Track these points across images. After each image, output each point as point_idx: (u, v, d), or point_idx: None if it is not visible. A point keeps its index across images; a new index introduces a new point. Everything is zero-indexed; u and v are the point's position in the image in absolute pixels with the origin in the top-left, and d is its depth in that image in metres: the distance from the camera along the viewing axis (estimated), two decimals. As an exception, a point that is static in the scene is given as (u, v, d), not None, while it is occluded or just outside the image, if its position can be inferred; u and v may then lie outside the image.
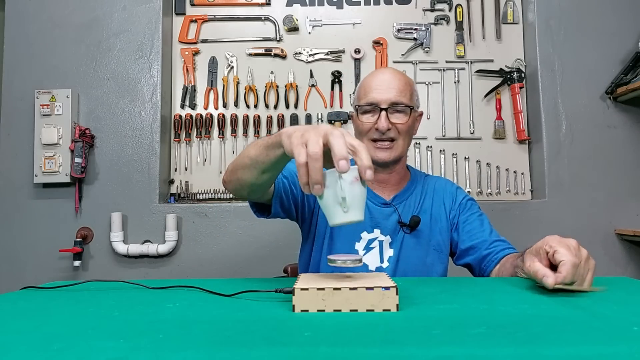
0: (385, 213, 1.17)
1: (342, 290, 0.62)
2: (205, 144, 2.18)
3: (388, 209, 1.18)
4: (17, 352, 0.47)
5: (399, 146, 1.15)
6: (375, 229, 1.15)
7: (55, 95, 2.04)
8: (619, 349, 0.46)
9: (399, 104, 1.13)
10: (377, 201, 1.19)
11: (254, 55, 2.21)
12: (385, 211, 1.17)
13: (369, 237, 1.15)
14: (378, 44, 2.19)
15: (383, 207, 1.18)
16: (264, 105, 2.19)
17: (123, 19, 2.14)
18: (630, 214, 2.03)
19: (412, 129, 1.19)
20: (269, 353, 0.46)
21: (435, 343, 0.49)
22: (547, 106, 2.07)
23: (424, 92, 2.19)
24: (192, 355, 0.46)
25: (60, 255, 2.03)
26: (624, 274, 1.97)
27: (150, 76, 2.12)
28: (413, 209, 1.19)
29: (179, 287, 0.81)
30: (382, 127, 1.12)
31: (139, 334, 0.53)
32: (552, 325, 0.55)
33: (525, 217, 2.03)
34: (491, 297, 0.72)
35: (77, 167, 2.00)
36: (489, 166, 2.15)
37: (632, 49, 2.04)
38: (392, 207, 1.18)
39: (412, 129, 1.18)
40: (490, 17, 2.22)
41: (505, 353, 0.45)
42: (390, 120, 1.13)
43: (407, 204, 1.19)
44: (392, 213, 1.17)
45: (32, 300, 0.75)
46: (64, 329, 0.56)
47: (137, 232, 2.05)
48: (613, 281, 0.85)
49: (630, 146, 2.06)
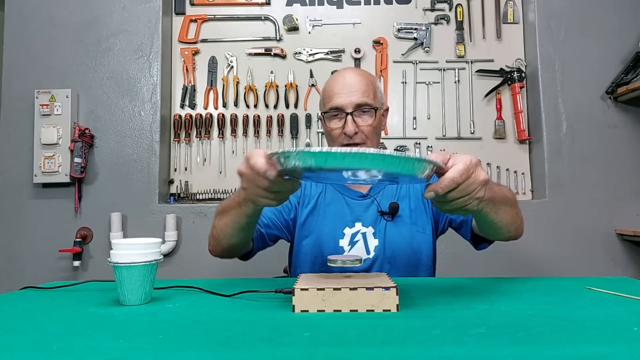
0: (365, 205, 1.18)
1: (342, 290, 0.62)
2: (205, 144, 2.18)
3: (366, 200, 1.19)
4: (17, 352, 0.47)
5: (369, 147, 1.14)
6: (357, 222, 1.16)
7: (54, 95, 2.04)
8: (619, 349, 0.46)
9: (363, 105, 1.13)
10: (355, 195, 1.20)
11: (253, 55, 2.21)
12: (364, 203, 1.19)
13: (352, 232, 1.15)
14: (378, 43, 2.19)
15: (361, 199, 1.20)
16: (263, 105, 2.19)
17: (123, 19, 2.14)
18: (631, 214, 2.03)
19: (379, 128, 1.19)
20: (269, 353, 0.46)
21: (435, 343, 0.49)
22: (548, 106, 2.07)
23: (424, 92, 2.19)
24: (192, 355, 0.46)
25: (59, 255, 2.02)
26: (624, 274, 1.97)
27: (150, 76, 2.11)
28: (392, 196, 1.20)
29: (179, 287, 0.81)
30: (349, 131, 1.12)
31: (138, 334, 0.53)
32: (552, 325, 0.55)
33: (526, 217, 1.99)
34: (491, 297, 0.72)
35: (77, 167, 2.00)
36: (489, 166, 2.15)
37: (633, 49, 2.04)
38: (370, 198, 1.19)
39: (379, 128, 1.18)
40: (490, 16, 2.22)
41: (505, 353, 0.45)
42: (356, 123, 1.13)
43: (385, 192, 1.20)
44: (371, 204, 1.18)
45: (32, 300, 0.75)
46: (64, 329, 0.56)
47: (137, 232, 2.05)
48: (613, 281, 0.85)
49: (630, 146, 2.05)
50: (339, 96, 1.13)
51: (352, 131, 1.12)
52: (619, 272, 1.99)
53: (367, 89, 1.14)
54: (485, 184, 0.69)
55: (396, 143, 2.16)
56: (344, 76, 1.16)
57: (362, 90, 1.13)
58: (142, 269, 0.68)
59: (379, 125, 1.18)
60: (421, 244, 1.16)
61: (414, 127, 2.17)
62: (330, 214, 1.17)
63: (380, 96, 1.19)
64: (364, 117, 1.13)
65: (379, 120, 1.17)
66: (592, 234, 2.01)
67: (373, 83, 1.17)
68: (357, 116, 1.13)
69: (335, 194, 1.21)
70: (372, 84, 1.16)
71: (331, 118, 1.16)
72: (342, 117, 1.14)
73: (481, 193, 0.69)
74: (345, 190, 1.21)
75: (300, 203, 1.20)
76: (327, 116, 1.17)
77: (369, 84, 1.15)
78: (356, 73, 1.17)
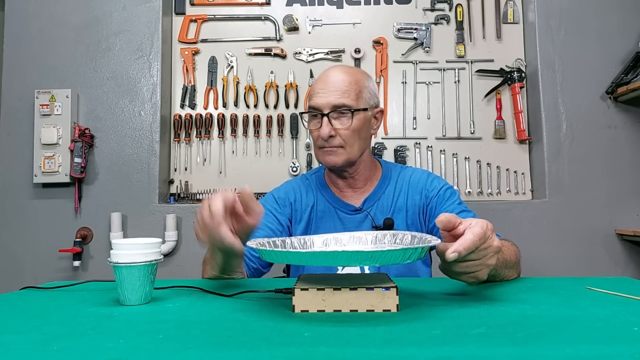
0: (358, 220, 1.12)
1: (342, 290, 0.62)
2: (205, 144, 2.18)
3: (359, 215, 1.13)
4: (17, 352, 0.47)
5: (347, 152, 1.08)
6: None
7: (55, 95, 2.04)
8: (619, 349, 0.46)
9: (341, 107, 1.05)
10: (347, 209, 1.14)
11: (253, 55, 2.21)
12: (357, 218, 1.12)
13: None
14: (378, 43, 2.19)
15: (354, 214, 1.13)
16: (263, 105, 2.19)
17: (123, 19, 2.14)
18: (631, 214, 2.03)
19: (362, 131, 1.09)
20: (269, 353, 0.46)
21: (435, 343, 0.49)
22: (548, 106, 2.07)
23: (424, 92, 2.19)
24: (192, 356, 0.46)
25: (59, 255, 2.02)
26: (624, 274, 1.97)
27: (150, 76, 2.11)
28: (387, 209, 1.13)
29: (179, 287, 0.81)
30: (323, 134, 1.05)
31: (138, 334, 0.53)
32: (552, 325, 0.55)
33: (526, 218, 2.03)
34: (491, 297, 0.72)
35: (77, 167, 2.00)
36: (489, 166, 2.15)
37: (633, 49, 2.04)
38: (363, 212, 1.12)
39: (362, 131, 1.09)
40: (490, 16, 2.22)
41: (505, 353, 0.45)
42: (333, 125, 1.06)
43: (380, 205, 1.13)
44: (365, 218, 1.12)
45: (32, 300, 0.75)
46: (64, 329, 0.56)
47: (137, 232, 2.05)
48: (613, 281, 0.85)
49: (630, 146, 2.05)
50: (318, 95, 1.07)
51: (327, 134, 1.05)
52: (619, 272, 1.99)
53: (349, 88, 1.06)
54: (498, 251, 0.69)
55: (396, 143, 2.16)
56: (328, 74, 1.09)
57: (342, 90, 1.05)
58: (142, 269, 0.68)
59: (362, 129, 1.08)
60: (417, 262, 1.10)
61: (414, 127, 2.17)
62: (322, 230, 1.11)
63: (367, 97, 1.10)
64: (341, 119, 1.06)
65: (361, 123, 1.08)
66: (592, 234, 2.01)
67: (358, 82, 1.08)
68: (334, 118, 1.06)
69: (327, 207, 1.15)
70: (357, 84, 1.08)
71: (311, 118, 1.10)
72: (320, 119, 1.07)
73: (493, 260, 0.68)
74: (337, 202, 1.15)
75: (292, 220, 1.16)
76: (307, 116, 1.11)
77: (353, 83, 1.07)
78: (341, 71, 1.09)
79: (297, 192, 1.19)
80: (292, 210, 1.16)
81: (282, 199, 1.18)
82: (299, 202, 1.17)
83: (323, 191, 1.18)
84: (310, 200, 1.17)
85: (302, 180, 1.23)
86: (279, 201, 1.18)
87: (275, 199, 1.18)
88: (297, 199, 1.17)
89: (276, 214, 1.15)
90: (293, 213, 1.16)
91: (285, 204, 1.17)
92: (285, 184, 1.23)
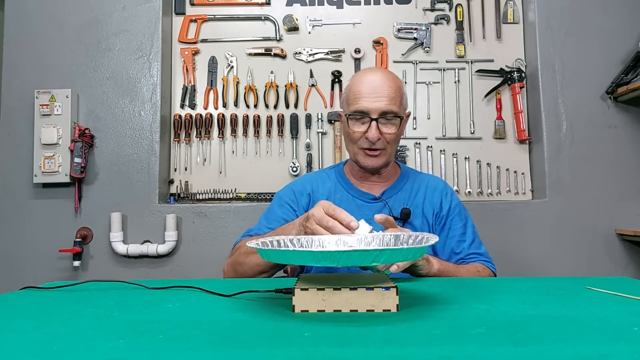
0: (376, 208, 1.17)
1: (342, 290, 0.62)
2: (205, 144, 2.18)
3: (378, 204, 1.18)
4: (17, 352, 0.47)
5: (388, 153, 1.16)
6: None
7: (54, 95, 2.03)
8: (619, 349, 0.46)
9: (389, 113, 1.10)
10: (367, 198, 1.19)
11: (253, 55, 2.21)
12: (375, 206, 1.17)
13: None
14: (378, 43, 2.19)
15: (373, 202, 1.18)
16: (263, 105, 2.19)
17: (123, 19, 2.14)
18: (631, 214, 2.03)
19: (401, 135, 1.19)
20: (269, 353, 0.46)
21: (435, 343, 0.49)
22: (548, 106, 2.07)
23: (424, 92, 2.19)
24: (192, 356, 0.46)
25: (59, 255, 2.02)
26: (624, 274, 1.97)
27: (150, 76, 2.11)
28: (404, 202, 1.18)
29: (179, 287, 0.81)
30: (372, 137, 1.10)
31: (138, 334, 0.53)
32: (552, 325, 0.55)
33: (526, 217, 2.03)
34: (491, 297, 0.72)
35: (77, 167, 2.00)
36: (489, 166, 2.15)
37: (633, 49, 2.04)
38: (382, 201, 1.18)
39: (400, 136, 1.19)
40: (490, 16, 2.22)
41: (505, 353, 0.45)
42: (380, 130, 1.11)
43: (397, 197, 1.19)
44: (383, 208, 1.17)
45: (32, 300, 0.75)
46: (64, 329, 0.56)
47: (137, 232, 2.05)
48: (613, 281, 0.85)
49: (630, 146, 2.05)
50: (366, 99, 1.10)
51: (375, 138, 1.10)
52: (619, 272, 1.99)
53: (395, 95, 1.11)
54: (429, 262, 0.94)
55: (396, 143, 2.16)
56: (373, 79, 1.12)
57: (390, 96, 1.10)
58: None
59: (402, 133, 1.19)
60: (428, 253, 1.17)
61: (414, 127, 2.17)
62: None
63: (405, 103, 1.17)
64: (388, 125, 1.12)
65: (403, 128, 1.17)
66: (592, 234, 2.01)
67: (400, 89, 1.14)
68: (381, 123, 1.11)
69: (345, 195, 1.20)
70: (400, 90, 1.14)
71: (354, 120, 1.14)
72: (365, 122, 1.11)
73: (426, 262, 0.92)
74: (355, 191, 1.20)
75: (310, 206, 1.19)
76: (351, 118, 1.14)
77: (397, 89, 1.12)
78: (386, 77, 1.13)
79: (314, 183, 1.24)
80: (310, 201, 1.20)
81: (299, 191, 1.23)
82: (316, 191, 1.22)
83: (342, 182, 1.24)
84: (327, 189, 1.22)
85: (320, 173, 1.31)
86: (296, 193, 1.23)
87: (293, 192, 1.23)
88: (315, 189, 1.22)
89: (293, 205, 1.20)
90: (311, 203, 1.20)
91: (302, 194, 1.22)
92: (303, 177, 1.31)
